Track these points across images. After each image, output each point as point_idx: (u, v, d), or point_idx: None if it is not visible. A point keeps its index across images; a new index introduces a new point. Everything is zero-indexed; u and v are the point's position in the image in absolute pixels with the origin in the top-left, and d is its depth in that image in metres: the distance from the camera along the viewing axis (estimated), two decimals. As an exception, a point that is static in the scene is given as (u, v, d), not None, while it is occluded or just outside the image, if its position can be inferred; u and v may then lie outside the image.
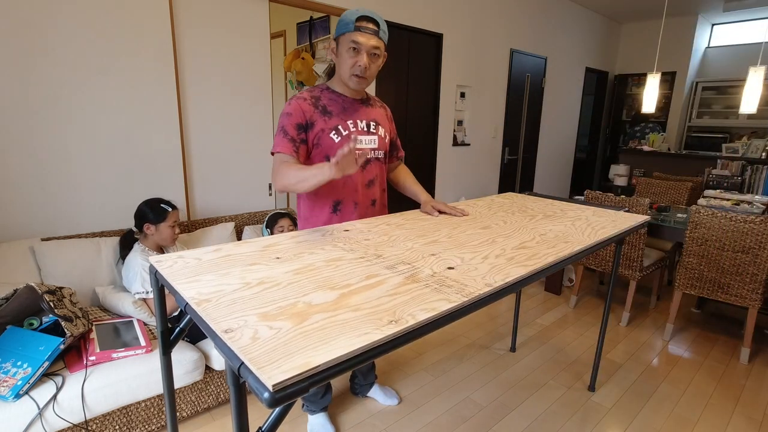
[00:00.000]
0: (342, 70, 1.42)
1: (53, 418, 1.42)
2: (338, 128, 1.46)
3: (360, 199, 1.54)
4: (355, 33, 1.35)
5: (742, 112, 3.12)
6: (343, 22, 1.37)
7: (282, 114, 1.42)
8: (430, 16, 3.52)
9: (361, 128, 1.51)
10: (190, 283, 0.91)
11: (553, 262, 1.13)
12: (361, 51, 1.37)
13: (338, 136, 1.45)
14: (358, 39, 1.35)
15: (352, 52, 1.37)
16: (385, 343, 0.72)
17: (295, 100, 1.43)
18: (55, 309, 1.51)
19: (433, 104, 3.80)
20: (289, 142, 1.39)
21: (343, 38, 1.38)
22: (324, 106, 1.46)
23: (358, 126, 1.50)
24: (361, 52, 1.37)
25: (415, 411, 1.95)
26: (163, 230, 1.94)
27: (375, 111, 1.58)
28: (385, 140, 1.58)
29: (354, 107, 1.51)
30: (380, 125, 1.57)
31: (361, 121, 1.51)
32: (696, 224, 2.45)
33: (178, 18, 2.24)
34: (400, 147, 1.77)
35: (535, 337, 2.64)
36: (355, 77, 1.41)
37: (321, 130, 1.44)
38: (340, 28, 1.38)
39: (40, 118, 1.92)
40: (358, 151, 1.46)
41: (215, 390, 1.86)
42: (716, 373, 2.31)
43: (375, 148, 1.54)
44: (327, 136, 1.44)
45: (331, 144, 1.45)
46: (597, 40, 5.72)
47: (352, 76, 1.41)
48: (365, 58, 1.38)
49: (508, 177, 4.82)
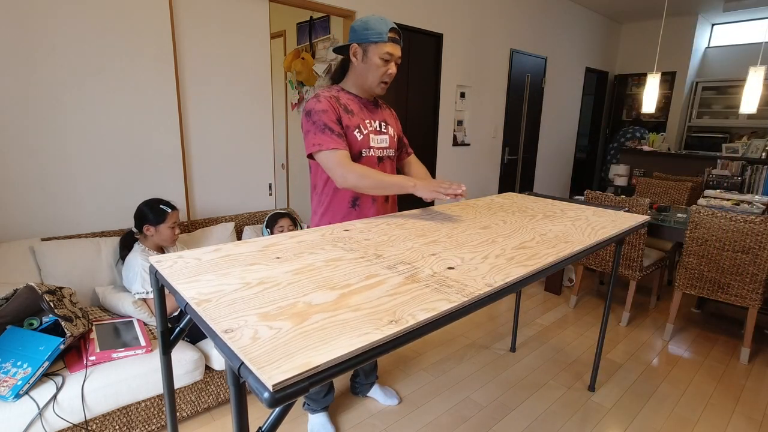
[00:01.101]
0: (370, 75, 1.49)
1: (53, 418, 1.42)
2: (360, 126, 1.52)
3: (377, 195, 1.60)
4: (388, 44, 1.44)
5: (742, 112, 3.12)
6: (374, 31, 1.43)
7: (314, 111, 1.44)
8: (430, 16, 3.52)
9: (375, 128, 1.57)
10: (190, 283, 0.91)
11: (553, 262, 1.13)
12: (392, 61, 1.48)
13: (360, 134, 1.51)
14: (392, 50, 1.45)
15: (384, 62, 1.46)
16: (385, 343, 0.72)
17: (324, 97, 1.46)
18: (55, 309, 1.51)
19: (433, 104, 3.80)
20: (338, 138, 1.43)
21: (375, 47, 1.45)
22: (345, 104, 1.51)
23: (372, 125, 1.57)
24: (392, 62, 1.48)
25: (415, 411, 1.95)
26: (163, 231, 1.94)
27: (384, 112, 1.66)
28: (394, 139, 1.66)
29: (368, 108, 1.58)
30: (389, 125, 1.64)
31: (375, 121, 1.58)
32: (696, 224, 2.45)
33: (178, 18, 2.24)
34: (407, 144, 1.82)
35: (535, 337, 2.64)
36: (383, 84, 1.51)
37: (347, 127, 1.49)
38: (370, 35, 1.44)
39: (41, 118, 1.92)
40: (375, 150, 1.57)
41: (215, 390, 1.86)
42: (716, 373, 2.31)
43: (386, 147, 1.61)
44: (351, 133, 1.50)
45: (354, 141, 1.51)
46: (597, 40, 5.72)
47: (381, 83, 1.50)
48: (395, 67, 1.49)
49: (508, 177, 4.81)
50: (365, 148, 1.53)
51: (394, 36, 1.45)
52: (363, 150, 1.53)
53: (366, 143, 1.53)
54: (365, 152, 1.54)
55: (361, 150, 1.52)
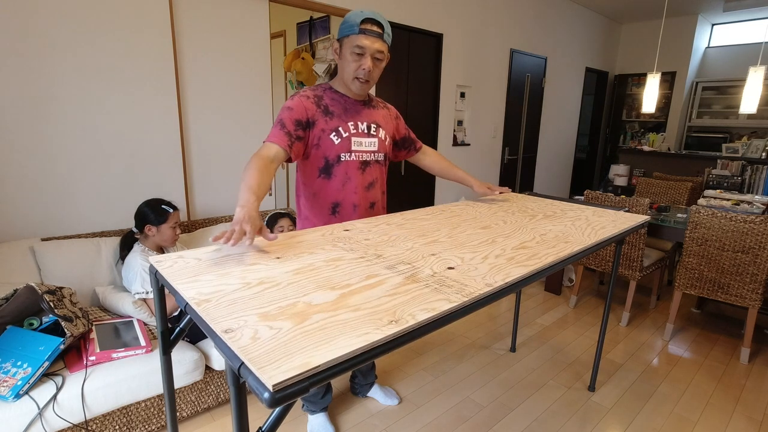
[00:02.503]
0: (345, 72, 1.41)
1: (53, 418, 1.42)
2: (339, 129, 1.45)
3: (359, 202, 1.53)
4: (359, 36, 1.33)
5: (742, 112, 3.12)
6: (347, 23, 1.35)
7: (283, 108, 1.39)
8: (430, 16, 3.52)
9: (362, 130, 1.50)
10: (190, 283, 0.91)
11: (553, 262, 1.13)
12: (366, 55, 1.35)
13: (338, 137, 1.44)
14: (362, 43, 1.33)
15: (356, 56, 1.36)
16: (385, 343, 0.72)
17: (299, 97, 1.41)
18: (55, 309, 1.51)
19: (433, 104, 3.80)
20: (285, 135, 1.35)
21: (347, 41, 1.36)
22: (326, 105, 1.44)
23: (358, 128, 1.49)
24: (366, 56, 1.36)
25: (415, 411, 1.95)
26: (165, 231, 1.94)
27: (377, 112, 1.56)
28: (385, 142, 1.57)
29: (356, 108, 1.50)
30: (381, 127, 1.55)
31: (362, 123, 1.50)
32: (696, 224, 2.45)
33: (178, 18, 2.24)
34: (416, 139, 1.77)
35: (535, 337, 2.64)
36: (357, 81, 1.40)
37: (322, 131, 1.42)
38: (343, 29, 1.37)
39: (41, 118, 1.92)
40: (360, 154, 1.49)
41: (215, 390, 1.86)
42: (716, 373, 2.31)
43: (375, 150, 1.53)
44: (327, 137, 1.43)
45: (330, 145, 1.44)
46: (597, 40, 5.72)
47: (355, 79, 1.40)
48: (369, 61, 1.36)
49: (508, 177, 4.82)
50: (344, 152, 1.46)
51: (367, 27, 1.33)
52: (342, 154, 1.45)
53: (346, 147, 1.45)
54: (344, 156, 1.46)
55: (339, 154, 1.45)
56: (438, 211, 1.67)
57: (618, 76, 6.30)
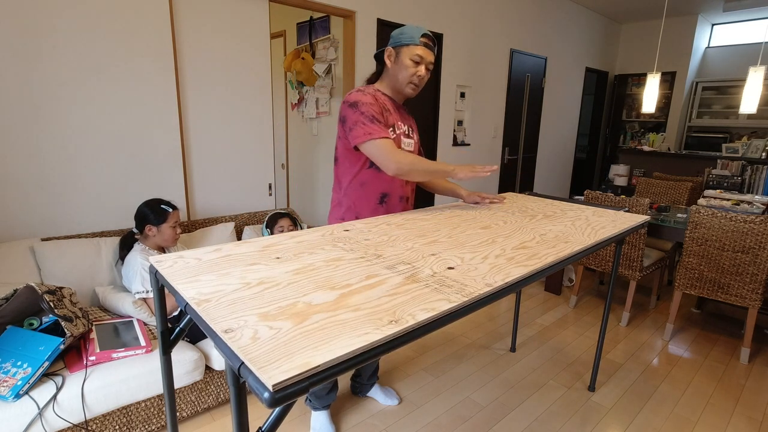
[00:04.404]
0: (400, 76, 1.54)
1: (53, 418, 1.42)
2: (394, 126, 1.57)
3: (403, 193, 1.66)
4: (420, 47, 1.50)
5: (742, 112, 3.12)
6: (407, 35, 1.51)
7: (361, 103, 1.47)
8: (430, 16, 3.52)
9: (404, 131, 1.62)
10: (190, 283, 0.91)
11: (553, 262, 1.13)
12: (422, 63, 1.52)
13: (393, 133, 1.56)
14: (422, 53, 1.51)
15: (414, 64, 1.52)
16: (385, 343, 0.72)
17: (361, 93, 1.51)
18: (55, 309, 1.51)
19: (433, 104, 3.80)
20: (386, 128, 1.49)
21: (407, 49, 1.51)
22: (383, 103, 1.55)
23: (402, 129, 1.61)
24: (422, 65, 1.53)
25: (415, 411, 1.95)
26: (165, 231, 1.94)
27: (410, 118, 1.72)
28: (418, 144, 1.73)
29: (400, 111, 1.64)
30: (414, 132, 1.71)
31: (404, 125, 1.63)
32: (696, 224, 2.45)
33: (178, 18, 2.24)
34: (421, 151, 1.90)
35: (535, 337, 2.64)
36: (412, 85, 1.55)
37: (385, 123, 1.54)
38: (403, 39, 1.51)
39: (41, 117, 1.92)
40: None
41: (215, 390, 1.86)
42: (716, 373, 2.31)
43: (412, 151, 1.66)
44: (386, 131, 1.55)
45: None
46: (597, 40, 5.72)
47: (410, 83, 1.55)
48: (424, 70, 1.54)
49: (508, 177, 4.81)
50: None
51: (426, 41, 1.51)
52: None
53: (397, 143, 1.57)
54: None
55: None
56: (438, 211, 1.67)
57: (618, 76, 6.30)
